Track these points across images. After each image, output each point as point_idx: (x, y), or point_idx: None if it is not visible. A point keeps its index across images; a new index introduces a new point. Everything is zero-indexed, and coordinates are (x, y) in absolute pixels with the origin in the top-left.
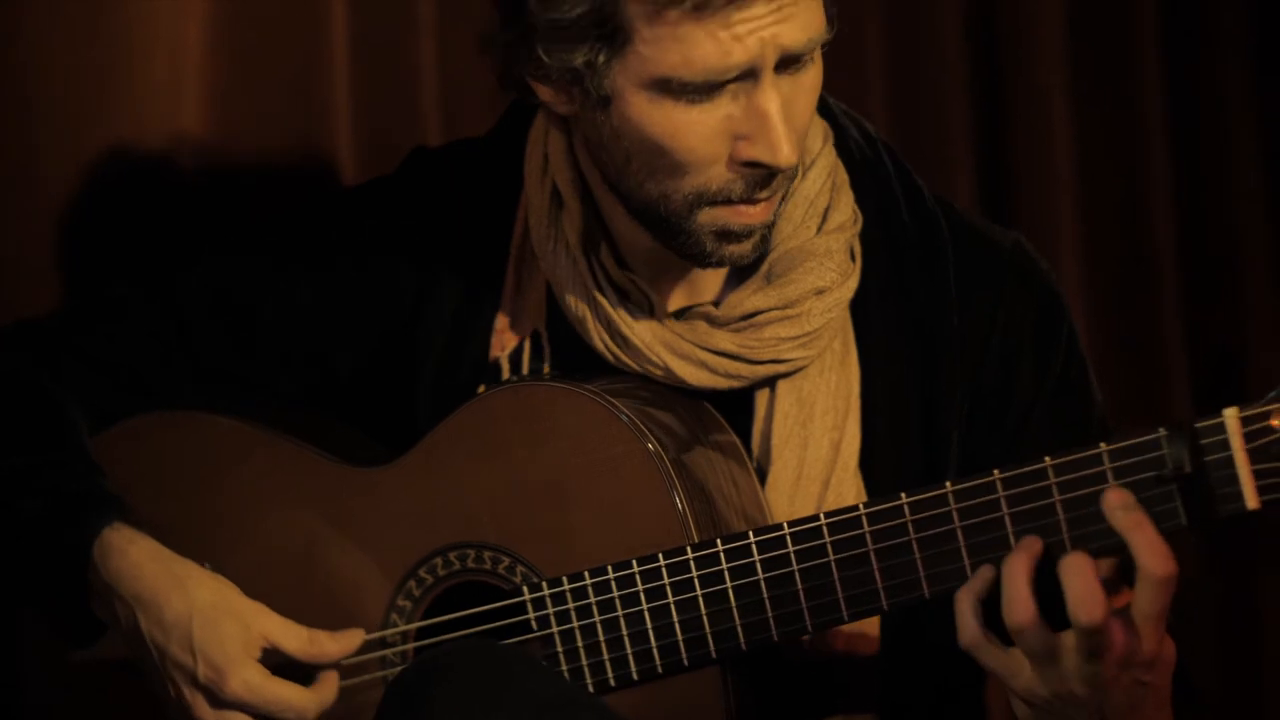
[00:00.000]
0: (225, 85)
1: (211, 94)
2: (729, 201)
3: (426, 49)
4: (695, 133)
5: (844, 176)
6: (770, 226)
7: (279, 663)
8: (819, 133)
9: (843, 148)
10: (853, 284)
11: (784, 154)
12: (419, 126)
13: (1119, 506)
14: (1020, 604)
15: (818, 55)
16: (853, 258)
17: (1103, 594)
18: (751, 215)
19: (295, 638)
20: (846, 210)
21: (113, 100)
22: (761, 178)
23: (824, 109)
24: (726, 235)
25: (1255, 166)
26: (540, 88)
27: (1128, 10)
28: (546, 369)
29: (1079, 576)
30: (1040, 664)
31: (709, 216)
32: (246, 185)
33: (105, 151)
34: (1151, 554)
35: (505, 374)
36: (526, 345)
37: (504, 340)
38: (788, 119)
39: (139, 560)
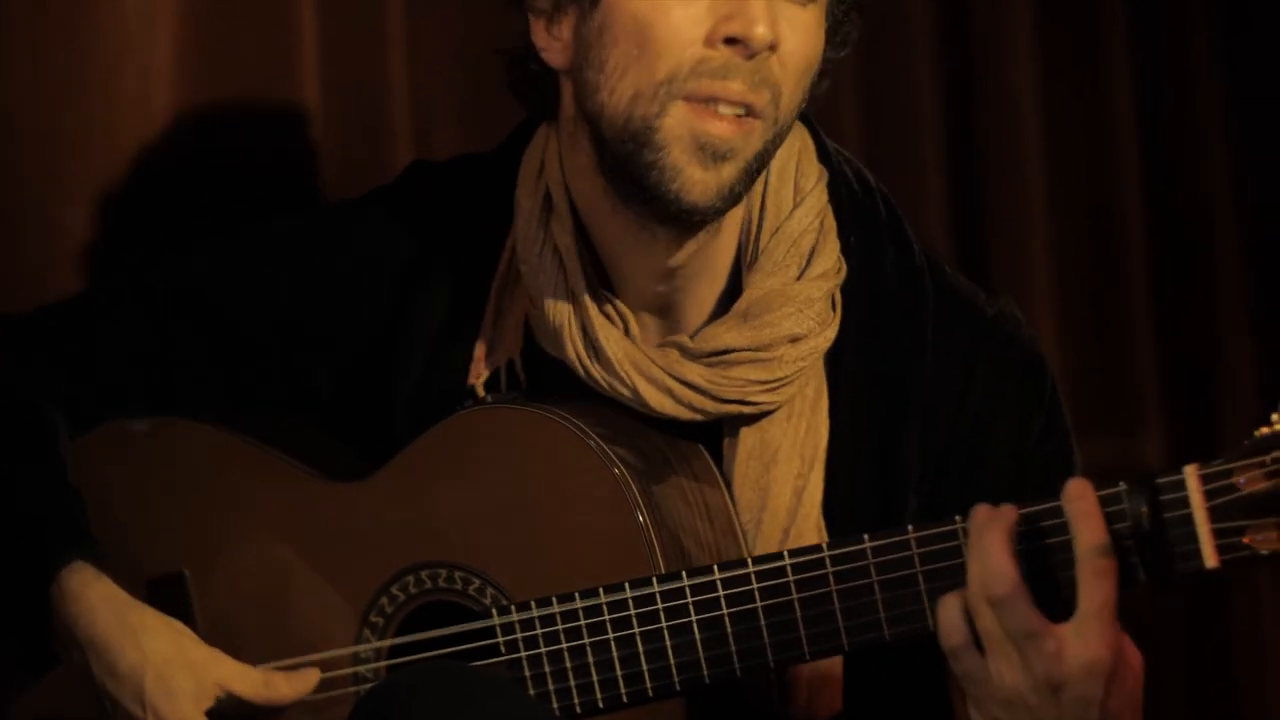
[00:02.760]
0: (194, 98)
1: (181, 106)
2: (698, 97)
3: (396, 64)
4: (679, 10)
5: (832, 223)
6: (745, 177)
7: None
8: (813, 174)
9: (834, 193)
10: (831, 333)
11: (759, 31)
12: (388, 140)
13: (1075, 496)
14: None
15: (820, 6)
16: (833, 307)
17: (1013, 570)
18: (720, 125)
19: (250, 683)
20: (831, 258)
21: (82, 112)
22: (735, 62)
23: (823, 153)
24: (696, 147)
25: (1227, 170)
26: (538, 32)
27: (1097, 19)
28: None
29: (985, 548)
30: (993, 662)
31: (677, 118)
32: (217, 197)
33: (75, 163)
34: (1088, 544)
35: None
36: (502, 374)
37: (479, 369)
38: (773, 20)
39: (94, 605)
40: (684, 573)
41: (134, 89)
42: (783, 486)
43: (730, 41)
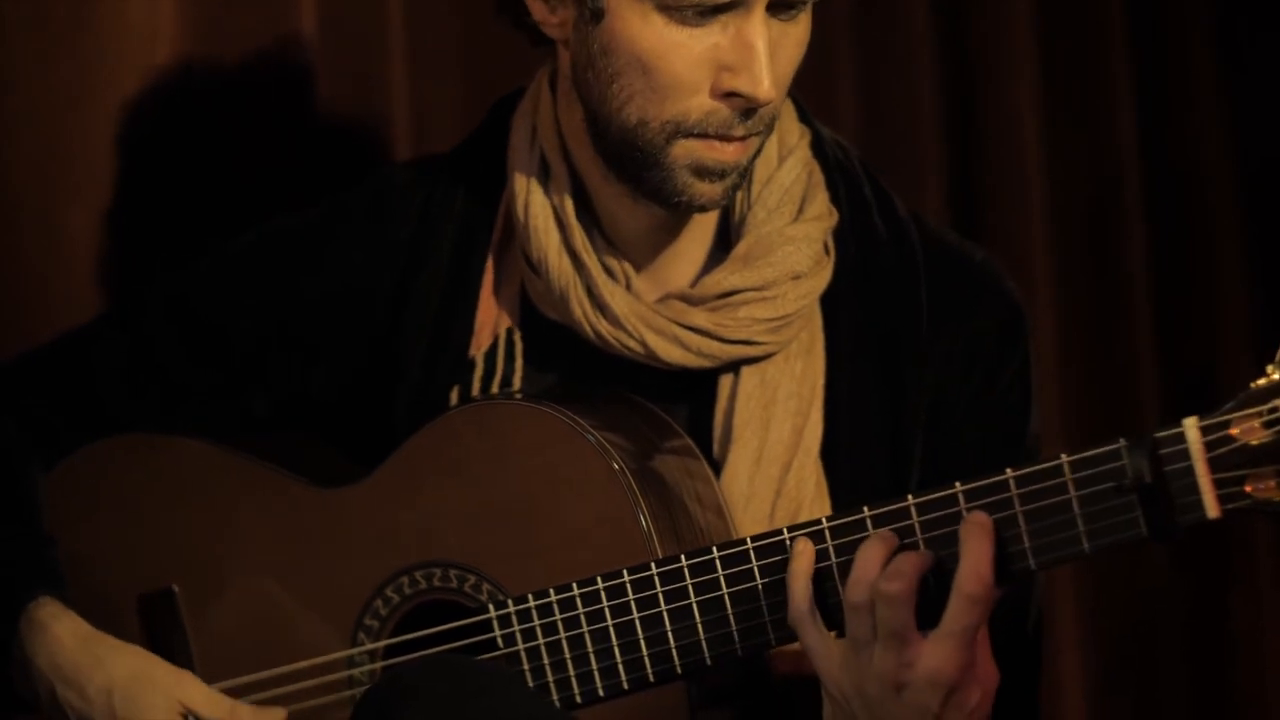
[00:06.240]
0: (196, 105)
1: (183, 113)
2: (705, 135)
3: (396, 66)
4: (681, 57)
5: (820, 176)
6: (742, 174)
7: None
8: (795, 130)
9: (818, 149)
10: (826, 275)
11: (765, 87)
12: (392, 147)
13: (972, 520)
14: (861, 585)
15: (808, 14)
16: (827, 251)
17: (912, 574)
18: (726, 152)
19: (215, 708)
20: (822, 205)
21: (84, 119)
22: (740, 113)
23: (802, 115)
24: (701, 171)
25: (1227, 180)
26: (535, 4)
27: (1098, 31)
28: (519, 366)
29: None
30: (855, 650)
31: (684, 149)
32: (218, 201)
33: (77, 168)
34: (970, 570)
35: (479, 373)
36: (501, 343)
37: (480, 340)
38: (772, 58)
39: (60, 635)
40: (682, 555)
41: (136, 97)
42: (782, 423)
43: (734, 94)
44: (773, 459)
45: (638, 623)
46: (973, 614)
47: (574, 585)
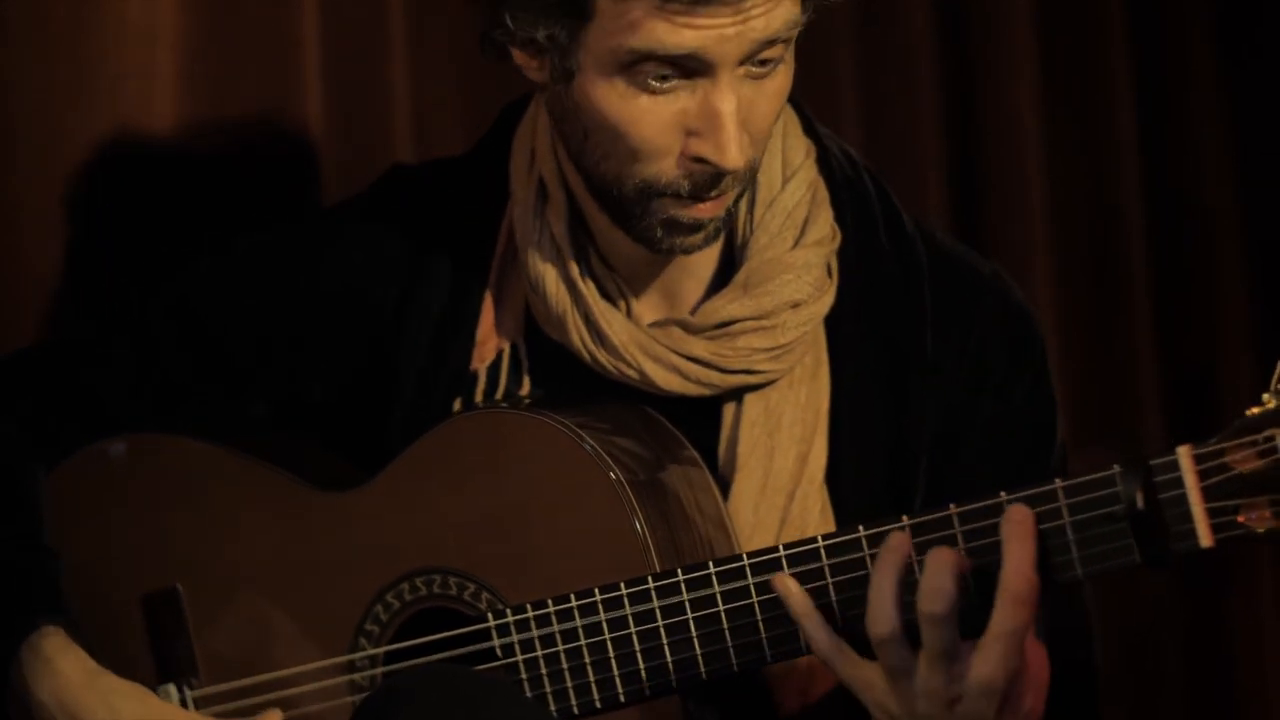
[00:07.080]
0: (196, 106)
1: (182, 114)
2: (678, 196)
3: (396, 67)
4: (648, 122)
5: (824, 194)
6: (723, 220)
7: None
8: (800, 148)
9: (824, 165)
10: (828, 299)
11: (730, 156)
12: (389, 144)
13: (1013, 519)
14: (884, 618)
15: (788, 59)
16: (830, 274)
17: (954, 591)
18: (701, 210)
19: None
20: (825, 226)
21: (84, 121)
22: (709, 177)
23: (809, 129)
24: (676, 227)
25: (1228, 184)
26: (515, 51)
27: (1098, 28)
28: (525, 382)
29: (935, 566)
30: (894, 677)
31: (660, 206)
32: (218, 203)
33: (78, 171)
34: (1015, 570)
35: (482, 385)
36: (505, 358)
37: (483, 353)
38: (744, 122)
39: (64, 669)
40: (679, 570)
41: (136, 97)
42: (786, 451)
43: (702, 161)
44: (778, 488)
45: (634, 636)
46: (1020, 615)
47: (571, 597)
